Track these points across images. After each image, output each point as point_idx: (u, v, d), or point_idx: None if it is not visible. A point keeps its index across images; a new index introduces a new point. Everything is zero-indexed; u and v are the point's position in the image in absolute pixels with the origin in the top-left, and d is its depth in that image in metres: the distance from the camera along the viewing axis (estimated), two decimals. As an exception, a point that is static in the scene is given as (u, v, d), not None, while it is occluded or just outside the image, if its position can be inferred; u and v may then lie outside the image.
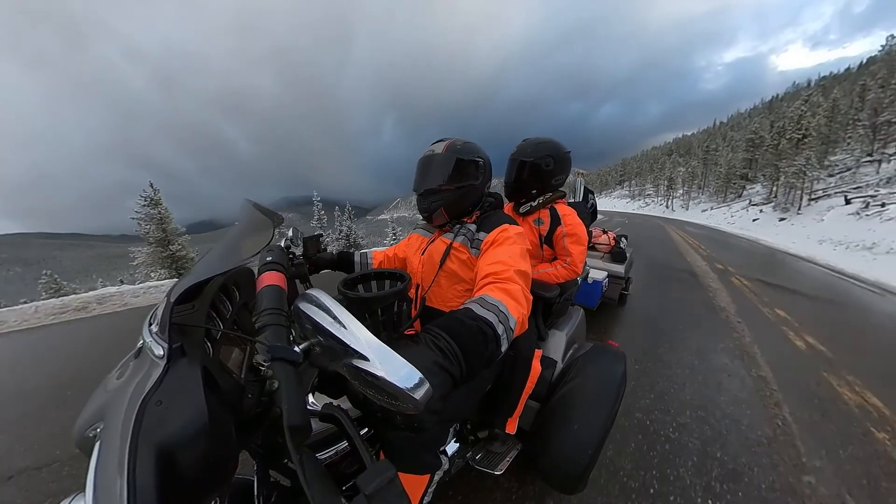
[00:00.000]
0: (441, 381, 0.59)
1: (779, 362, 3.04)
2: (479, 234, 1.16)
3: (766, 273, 7.32)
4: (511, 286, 0.86)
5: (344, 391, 0.96)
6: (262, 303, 0.60)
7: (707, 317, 4.18)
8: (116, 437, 0.41)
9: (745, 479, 1.75)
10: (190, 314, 0.56)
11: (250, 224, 0.83)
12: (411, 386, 0.45)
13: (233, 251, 0.73)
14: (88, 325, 4.20)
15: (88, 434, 0.48)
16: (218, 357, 0.57)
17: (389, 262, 1.52)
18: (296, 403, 0.46)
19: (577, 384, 1.38)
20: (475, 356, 0.67)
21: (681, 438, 2.03)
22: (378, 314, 0.77)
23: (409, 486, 0.96)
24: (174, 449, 0.41)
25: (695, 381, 2.66)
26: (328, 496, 0.44)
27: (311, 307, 0.54)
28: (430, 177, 1.20)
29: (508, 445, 1.49)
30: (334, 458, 0.79)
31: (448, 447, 1.30)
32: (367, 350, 0.47)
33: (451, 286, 1.21)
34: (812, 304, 5.07)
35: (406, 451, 0.94)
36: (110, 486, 0.37)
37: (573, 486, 1.27)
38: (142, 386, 0.45)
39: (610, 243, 4.14)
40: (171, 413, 0.43)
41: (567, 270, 1.79)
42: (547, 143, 1.93)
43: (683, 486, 1.70)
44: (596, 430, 1.23)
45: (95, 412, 0.50)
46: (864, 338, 3.79)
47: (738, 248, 12.12)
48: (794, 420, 2.26)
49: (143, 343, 0.53)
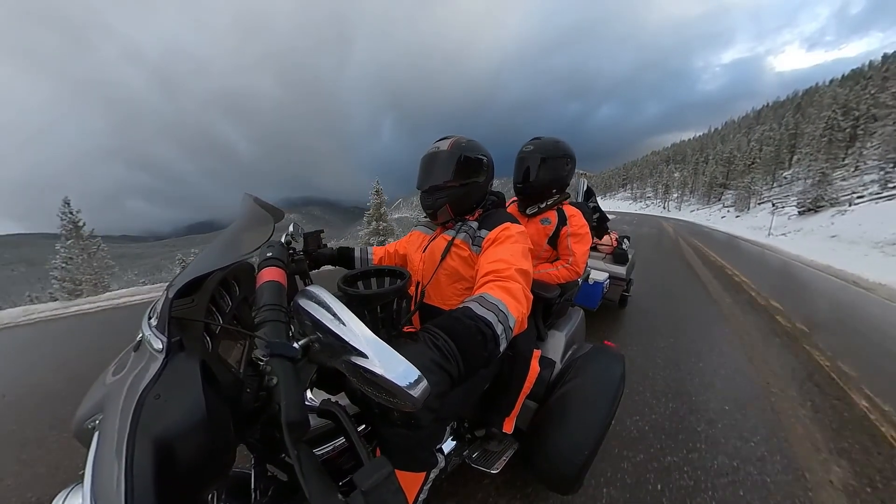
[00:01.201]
0: (439, 379, 0.59)
1: (685, 244, 12.65)
2: (480, 232, 1.15)
3: (697, 235, 17.79)
4: (512, 285, 0.86)
5: (342, 388, 0.96)
6: (261, 298, 0.60)
7: (668, 240, 13.95)
8: (115, 429, 0.41)
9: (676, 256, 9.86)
10: (189, 308, 0.56)
11: (251, 219, 0.82)
12: (409, 383, 0.45)
13: (233, 246, 0.73)
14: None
15: (87, 426, 0.49)
16: (217, 351, 0.57)
17: (390, 258, 1.51)
18: (294, 399, 0.46)
19: (576, 385, 1.38)
20: (473, 356, 0.67)
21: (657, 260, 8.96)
22: (377, 311, 0.77)
23: (405, 483, 0.96)
24: (172, 442, 0.41)
25: (665, 248, 11.33)
26: (325, 491, 0.44)
27: (311, 303, 0.54)
28: (434, 173, 1.19)
29: (505, 445, 1.49)
30: (331, 455, 0.79)
31: (445, 445, 1.30)
32: (365, 347, 0.47)
33: (451, 284, 1.21)
34: (706, 241, 14.64)
35: (403, 449, 0.95)
36: (108, 477, 0.37)
37: (568, 487, 1.27)
38: (140, 379, 0.45)
39: (612, 244, 4.10)
40: (170, 406, 0.43)
41: (568, 271, 1.78)
42: (561, 143, 1.89)
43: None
44: (592, 432, 1.23)
45: (94, 404, 0.50)
46: (715, 242, 14.65)
47: (696, 230, 23.41)
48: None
49: (142, 336, 0.53)
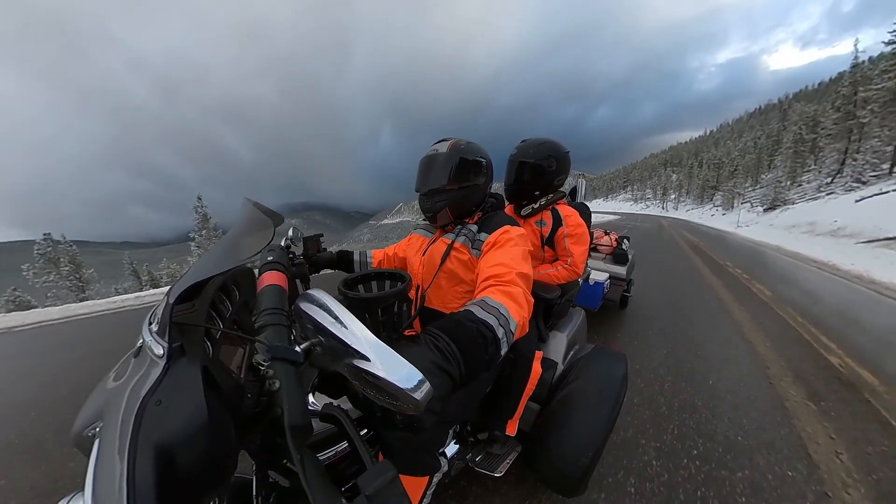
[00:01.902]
0: (440, 381, 0.59)
1: (675, 234, 18.46)
2: (480, 235, 1.15)
3: (685, 228, 23.52)
4: (513, 289, 0.86)
5: (344, 391, 0.95)
6: (262, 302, 0.60)
7: (664, 232, 19.85)
8: (116, 436, 0.40)
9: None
10: (190, 313, 0.56)
11: (250, 223, 0.82)
12: (412, 386, 0.45)
13: (233, 250, 0.72)
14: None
15: (87, 433, 0.48)
16: (218, 357, 0.57)
17: (389, 261, 1.51)
18: (297, 403, 0.46)
19: (578, 386, 1.37)
20: (474, 358, 0.66)
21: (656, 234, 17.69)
22: (378, 314, 0.76)
23: (409, 487, 0.95)
24: (173, 448, 0.41)
25: (662, 235, 17.13)
26: (329, 496, 0.44)
27: (312, 307, 0.53)
28: (434, 176, 1.19)
29: (508, 447, 1.48)
30: (333, 460, 0.78)
31: (448, 449, 1.30)
32: (367, 350, 0.47)
33: (452, 287, 1.21)
34: (691, 231, 21.07)
35: (405, 453, 0.94)
36: (109, 484, 0.37)
37: (573, 489, 1.26)
38: (141, 385, 0.45)
39: (612, 245, 4.10)
40: (171, 412, 0.43)
41: (568, 271, 1.78)
42: (547, 143, 1.92)
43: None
44: (596, 433, 1.23)
45: (94, 411, 0.49)
46: (697, 232, 21.18)
47: (687, 225, 28.60)
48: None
49: (143, 342, 0.53)
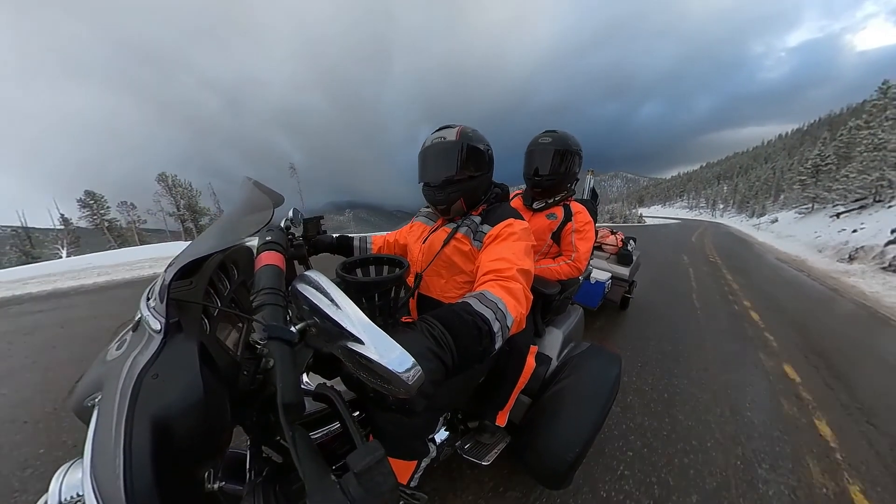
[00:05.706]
0: (433, 367, 0.59)
1: (707, 230, 30.84)
2: (482, 227, 1.12)
3: (716, 227, 42.03)
4: (513, 285, 0.85)
5: (338, 373, 0.97)
6: (260, 282, 0.60)
7: (703, 228, 35.64)
8: (113, 407, 0.41)
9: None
10: (188, 290, 0.56)
11: (250, 203, 0.82)
12: (403, 370, 0.45)
13: (232, 229, 0.72)
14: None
15: (87, 403, 0.49)
16: (215, 334, 0.58)
17: (389, 247, 1.51)
18: (290, 382, 0.47)
19: (570, 383, 1.38)
20: (468, 350, 0.67)
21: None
22: (375, 299, 0.77)
23: (397, 470, 0.97)
24: (169, 421, 0.42)
25: (700, 230, 30.20)
26: (319, 472, 0.45)
27: (309, 288, 0.54)
28: (443, 165, 1.12)
29: (497, 438, 1.50)
30: (325, 439, 0.80)
31: (437, 435, 1.32)
32: (361, 333, 0.47)
33: (451, 277, 1.21)
34: (715, 229, 36.15)
35: (396, 437, 0.96)
36: (107, 454, 0.38)
37: (558, 482, 1.29)
38: (139, 359, 0.46)
39: (617, 245, 4.03)
40: (167, 386, 0.44)
41: (570, 267, 1.76)
42: (572, 137, 1.84)
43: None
44: (584, 430, 1.24)
45: (93, 383, 0.50)
46: (718, 228, 38.65)
47: (720, 228, 38.08)
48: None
49: (141, 316, 0.53)
